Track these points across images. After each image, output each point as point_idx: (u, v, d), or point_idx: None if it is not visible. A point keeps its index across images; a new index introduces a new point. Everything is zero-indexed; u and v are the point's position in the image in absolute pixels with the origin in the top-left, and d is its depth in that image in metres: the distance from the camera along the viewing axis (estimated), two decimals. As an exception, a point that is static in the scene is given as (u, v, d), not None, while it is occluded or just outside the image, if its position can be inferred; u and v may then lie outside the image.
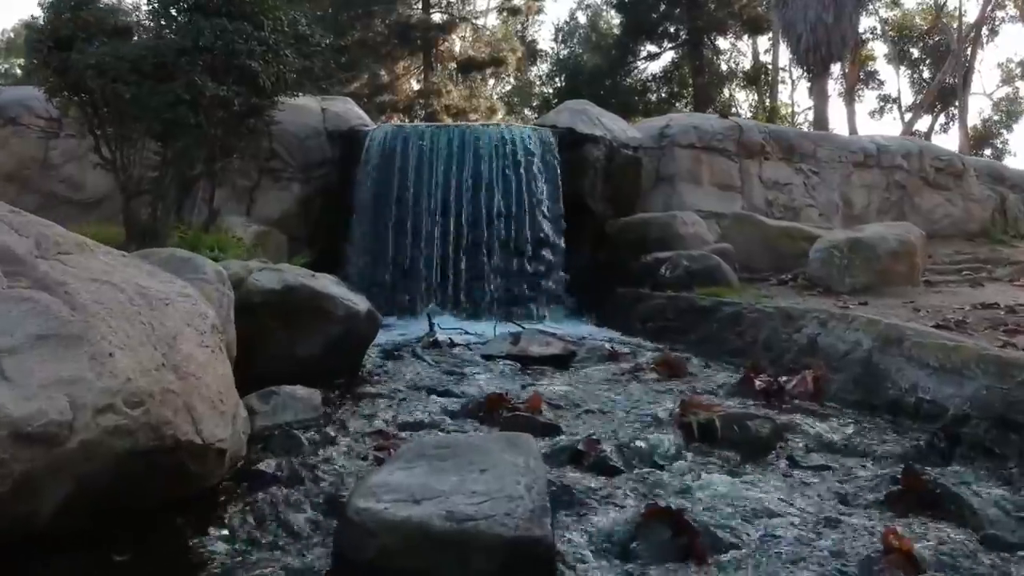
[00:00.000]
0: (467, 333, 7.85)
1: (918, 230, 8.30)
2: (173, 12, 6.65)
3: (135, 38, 6.76)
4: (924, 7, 33.35)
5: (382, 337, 7.76)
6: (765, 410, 4.22)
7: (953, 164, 12.81)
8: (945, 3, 32.35)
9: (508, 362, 6.27)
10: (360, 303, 5.75)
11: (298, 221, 9.89)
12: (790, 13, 21.73)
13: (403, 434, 3.91)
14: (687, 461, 3.40)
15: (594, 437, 3.53)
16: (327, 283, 5.65)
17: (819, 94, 21.90)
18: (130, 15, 7.23)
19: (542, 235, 9.39)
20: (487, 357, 6.48)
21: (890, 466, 3.31)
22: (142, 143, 6.55)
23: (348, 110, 10.30)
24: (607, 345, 6.78)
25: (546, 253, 9.37)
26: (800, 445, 3.69)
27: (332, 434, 3.85)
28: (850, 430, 3.98)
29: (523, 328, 7.80)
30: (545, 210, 9.42)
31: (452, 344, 7.13)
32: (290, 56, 6.93)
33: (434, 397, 4.91)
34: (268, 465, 3.24)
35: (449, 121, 29.69)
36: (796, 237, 8.81)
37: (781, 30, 22.38)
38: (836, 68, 26.71)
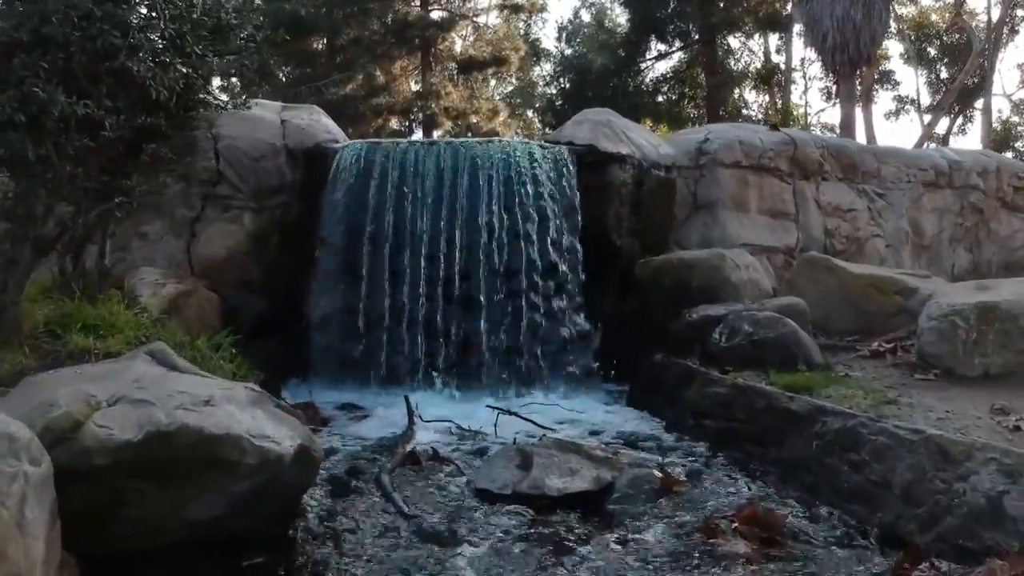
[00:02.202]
0: (460, 429, 5.62)
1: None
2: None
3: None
4: (941, 4, 31.02)
5: (348, 436, 5.59)
6: None
7: (1036, 181, 10.54)
8: (964, 0, 29.99)
9: (516, 510, 4.07)
10: (286, 441, 3.54)
11: (249, 261, 7.64)
12: (815, 9, 19.40)
13: None
14: None
15: None
16: (229, 415, 3.41)
17: (846, 97, 19.61)
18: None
19: (555, 282, 7.15)
20: (484, 495, 4.29)
21: None
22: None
23: (314, 122, 8.02)
24: (655, 470, 4.55)
25: (561, 305, 7.14)
26: None
27: None
28: None
29: (536, 424, 5.58)
30: (559, 250, 7.17)
31: (436, 457, 4.92)
32: (202, 54, 4.68)
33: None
34: None
35: (448, 124, 27.38)
36: (887, 290, 6.55)
37: (804, 28, 20.04)
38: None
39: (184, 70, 4.50)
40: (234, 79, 5.78)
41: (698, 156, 8.43)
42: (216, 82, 5.95)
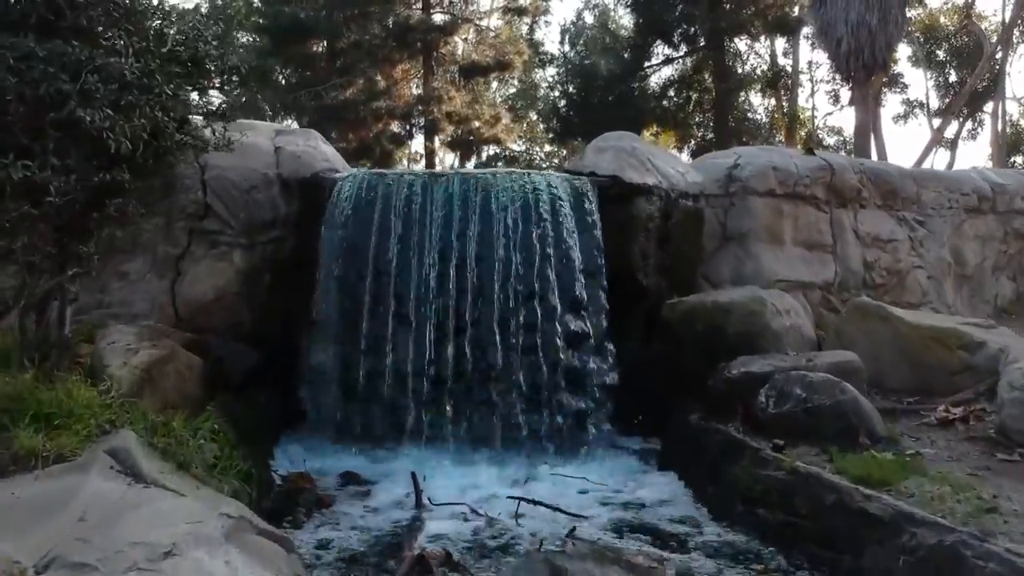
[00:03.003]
0: (475, 514, 4.87)
1: None
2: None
3: None
4: (950, 6, 30.21)
5: (348, 522, 4.84)
6: None
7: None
8: (974, 2, 29.19)
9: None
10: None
11: (240, 303, 6.88)
12: (829, 14, 18.62)
13: None
14: None
15: None
16: (196, 568, 2.66)
17: (861, 103, 18.81)
18: None
19: (576, 329, 6.38)
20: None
21: None
22: None
23: (310, 149, 7.23)
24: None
25: (583, 355, 6.38)
26: None
27: None
28: None
29: (563, 512, 4.83)
30: (581, 292, 6.41)
31: (449, 562, 4.16)
32: (174, 94, 3.90)
33: None
34: None
35: (450, 129, 26.53)
36: (949, 344, 5.78)
37: (817, 33, 19.24)
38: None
39: (153, 113, 3.73)
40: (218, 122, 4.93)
41: (728, 183, 7.66)
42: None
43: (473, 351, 6.34)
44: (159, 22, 3.87)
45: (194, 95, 4.25)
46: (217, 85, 4.62)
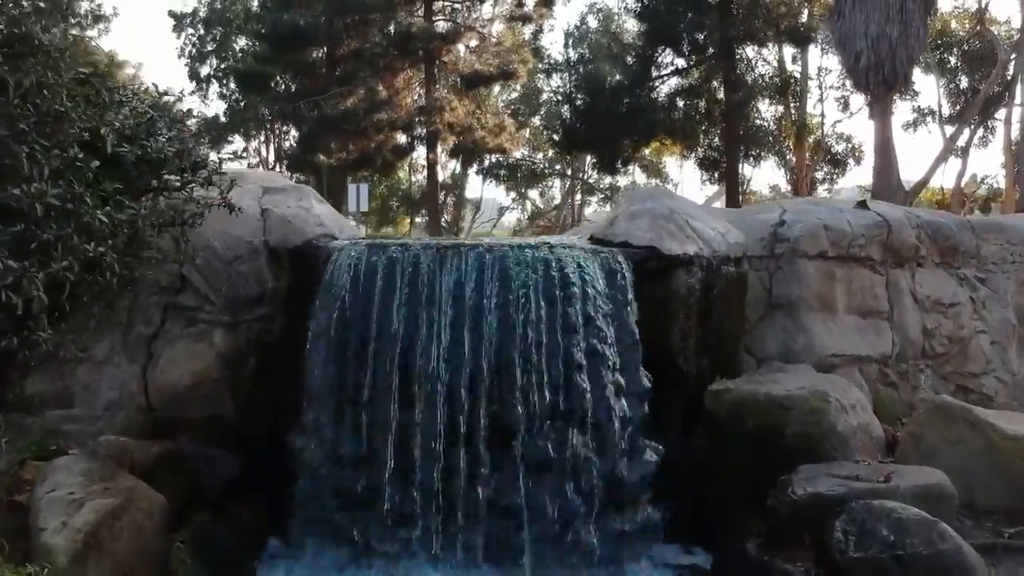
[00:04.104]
0: None
1: None
2: None
3: None
4: (962, 12, 29.19)
5: None
6: None
7: None
8: (987, 7, 28.15)
9: None
10: None
11: (221, 390, 5.90)
12: (847, 26, 17.59)
13: None
14: None
15: None
16: None
17: (881, 120, 17.79)
18: None
19: (609, 428, 5.42)
20: None
21: None
22: None
23: (302, 211, 6.22)
24: None
25: (619, 458, 5.42)
26: None
27: None
28: None
29: None
30: (615, 385, 5.45)
31: None
32: (111, 219, 2.91)
33: None
34: None
35: (452, 140, 25.48)
36: (1056, 459, 4.84)
37: (836, 46, 18.22)
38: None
39: (82, 247, 2.78)
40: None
41: (773, 243, 6.68)
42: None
43: (491, 453, 5.39)
44: (92, 124, 2.89)
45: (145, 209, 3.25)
46: (178, 184, 3.63)
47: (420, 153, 27.42)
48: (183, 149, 3.75)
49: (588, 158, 29.61)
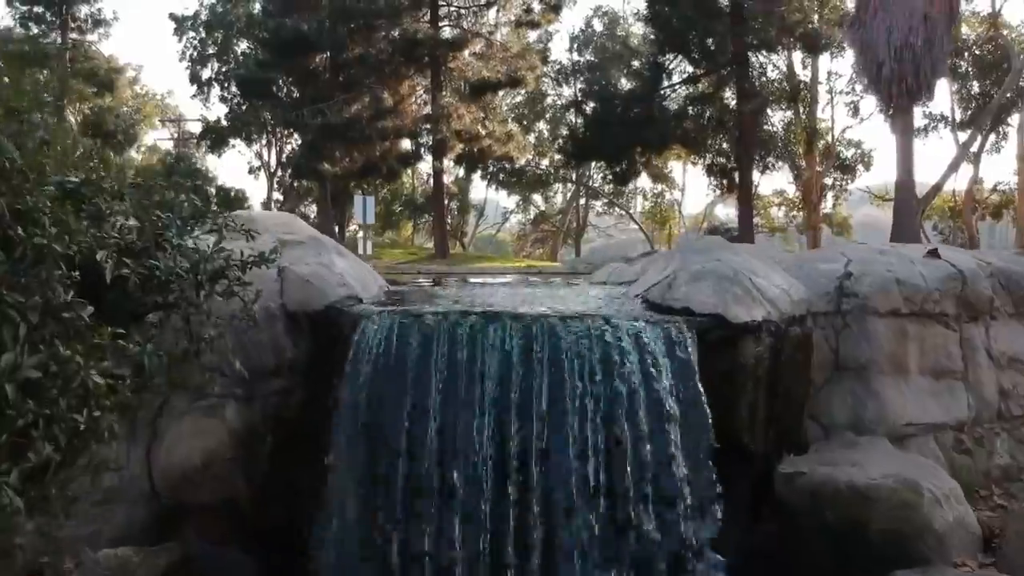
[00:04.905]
0: None
1: None
2: None
3: None
4: (972, 15, 28.49)
5: None
6: None
7: None
8: (1000, 10, 27.49)
9: None
10: None
11: (235, 471, 5.24)
12: (868, 35, 16.93)
13: None
14: None
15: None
16: None
17: (904, 134, 17.14)
18: None
19: (676, 522, 4.74)
20: None
21: None
22: None
23: (323, 269, 5.51)
24: None
25: (686, 563, 4.74)
26: None
27: None
28: None
29: None
30: (682, 475, 4.77)
31: None
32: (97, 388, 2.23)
33: None
34: None
35: (459, 148, 24.78)
36: None
37: (856, 55, 17.53)
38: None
39: (74, 417, 2.11)
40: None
41: (839, 298, 6.01)
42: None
43: (540, 551, 4.71)
44: (85, 248, 2.20)
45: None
46: (192, 304, 2.95)
47: (426, 160, 26.72)
48: (199, 260, 3.08)
49: (593, 162, 28.96)
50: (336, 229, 28.10)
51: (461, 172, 33.51)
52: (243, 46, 32.24)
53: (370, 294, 5.70)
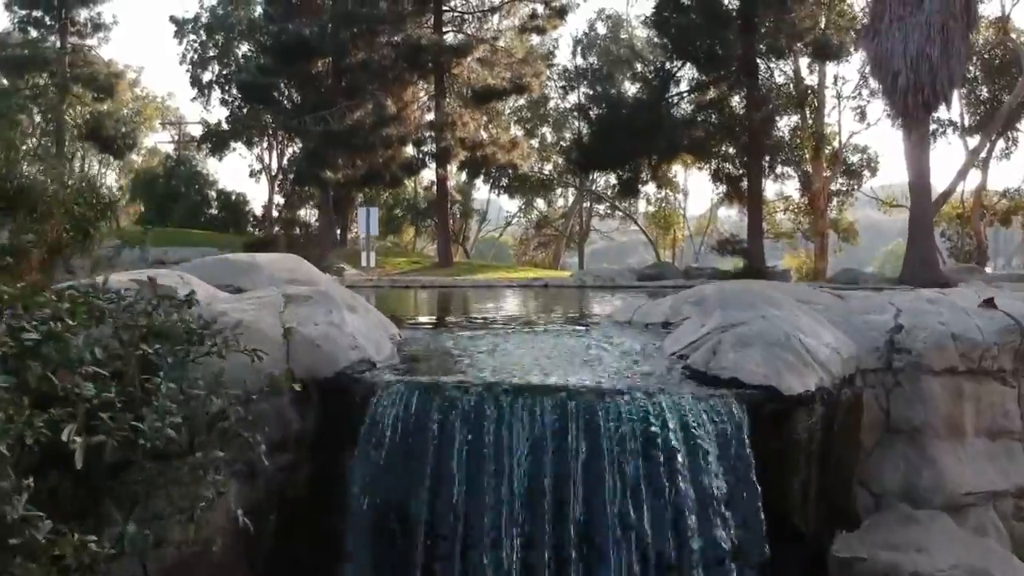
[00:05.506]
0: None
1: None
2: None
3: None
4: (981, 20, 27.94)
5: None
6: None
7: None
8: (1010, 15, 26.98)
9: None
10: None
11: (237, 557, 4.71)
12: (884, 45, 16.37)
13: None
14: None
15: None
16: None
17: (919, 146, 16.58)
18: None
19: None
20: None
21: None
22: None
23: (332, 331, 5.00)
24: None
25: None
26: None
27: None
28: None
29: None
30: (731, 569, 4.27)
31: None
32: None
33: None
34: None
35: (463, 155, 24.23)
36: None
37: (871, 66, 17.01)
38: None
39: None
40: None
41: (890, 354, 5.51)
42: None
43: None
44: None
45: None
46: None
47: (429, 168, 26.17)
48: (195, 408, 2.57)
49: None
50: (338, 235, 27.60)
51: (464, 176, 33.00)
52: (244, 49, 31.68)
53: (383, 355, 5.19)
